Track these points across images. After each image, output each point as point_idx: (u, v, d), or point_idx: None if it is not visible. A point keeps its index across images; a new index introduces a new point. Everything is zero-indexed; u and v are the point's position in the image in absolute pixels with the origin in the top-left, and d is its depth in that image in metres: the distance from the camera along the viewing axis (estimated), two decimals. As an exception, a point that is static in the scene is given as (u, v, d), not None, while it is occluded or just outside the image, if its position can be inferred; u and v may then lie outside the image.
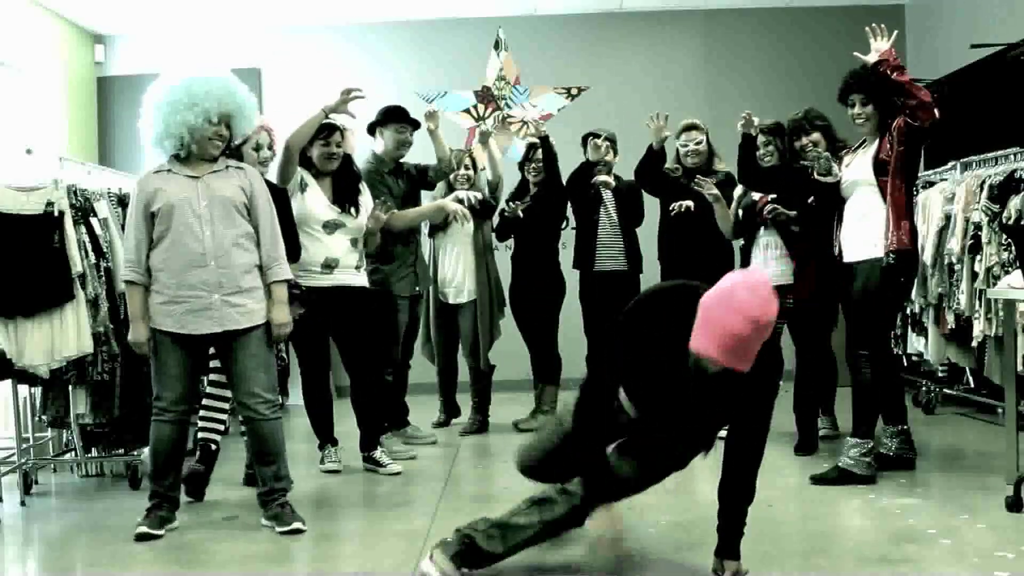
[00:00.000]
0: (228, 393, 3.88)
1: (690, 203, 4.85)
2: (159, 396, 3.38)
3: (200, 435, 3.95)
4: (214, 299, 3.31)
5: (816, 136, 4.31)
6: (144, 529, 3.30)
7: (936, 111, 3.67)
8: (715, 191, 4.71)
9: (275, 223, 3.48)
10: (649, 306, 2.56)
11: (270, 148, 4.06)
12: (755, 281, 2.28)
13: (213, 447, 3.95)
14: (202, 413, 3.98)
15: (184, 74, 3.36)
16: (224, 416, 4.02)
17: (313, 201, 4.20)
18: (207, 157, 3.40)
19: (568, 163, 5.30)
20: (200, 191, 3.34)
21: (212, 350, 3.61)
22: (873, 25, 3.77)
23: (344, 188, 4.29)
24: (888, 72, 3.67)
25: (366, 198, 4.39)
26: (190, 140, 3.33)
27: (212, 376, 3.99)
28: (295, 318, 3.96)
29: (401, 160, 4.93)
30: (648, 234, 5.28)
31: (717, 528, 2.64)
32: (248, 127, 3.54)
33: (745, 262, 4.80)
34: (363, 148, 5.03)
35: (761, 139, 4.49)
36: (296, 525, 3.33)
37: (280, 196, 4.10)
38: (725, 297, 2.27)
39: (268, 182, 4.10)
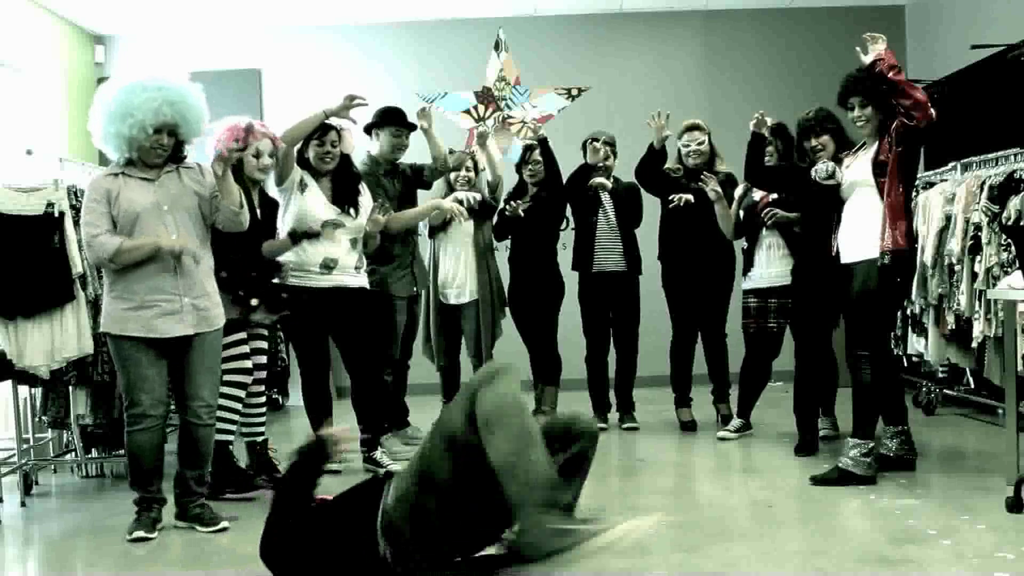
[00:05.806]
0: (241, 393, 3.89)
1: (690, 196, 4.87)
2: (136, 402, 3.32)
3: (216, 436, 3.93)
4: (184, 303, 3.32)
5: (825, 139, 4.23)
6: (141, 533, 3.30)
7: (932, 111, 3.66)
8: (718, 189, 4.71)
9: None
10: None
11: (271, 156, 3.99)
12: None
13: (230, 447, 3.94)
14: (218, 414, 3.96)
15: (125, 81, 3.30)
16: (237, 416, 3.96)
17: (312, 201, 4.17)
18: (150, 164, 3.37)
19: (568, 164, 5.30)
20: (160, 195, 3.34)
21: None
22: (869, 34, 3.77)
23: (343, 188, 4.27)
24: (884, 71, 3.67)
25: (366, 198, 4.38)
26: (128, 149, 3.31)
27: (226, 377, 3.95)
28: (287, 314, 3.97)
29: (397, 161, 4.93)
30: (647, 235, 5.28)
31: None
32: (195, 134, 3.47)
33: (748, 262, 4.79)
34: (362, 149, 5.02)
35: (762, 139, 4.48)
36: (224, 524, 3.37)
37: (271, 208, 4.11)
38: None
39: (263, 193, 4.10)
